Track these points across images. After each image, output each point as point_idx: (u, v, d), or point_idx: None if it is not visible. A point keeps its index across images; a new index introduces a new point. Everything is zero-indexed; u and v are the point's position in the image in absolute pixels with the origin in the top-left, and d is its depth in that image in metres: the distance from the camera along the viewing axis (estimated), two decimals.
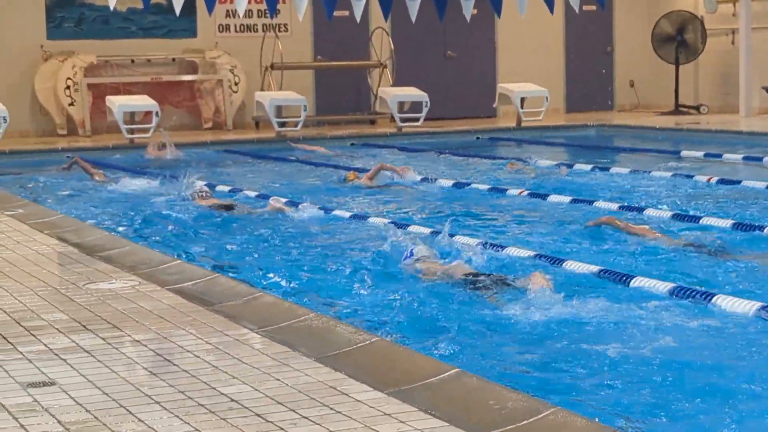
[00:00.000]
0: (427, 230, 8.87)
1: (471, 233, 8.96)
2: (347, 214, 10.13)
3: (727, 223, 9.03)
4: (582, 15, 20.29)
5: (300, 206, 10.23)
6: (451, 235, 8.18)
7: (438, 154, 16.01)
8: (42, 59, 19.33)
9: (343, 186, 12.37)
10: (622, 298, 6.57)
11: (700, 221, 9.19)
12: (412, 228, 9.05)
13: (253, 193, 11.79)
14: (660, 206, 10.22)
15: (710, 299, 6.33)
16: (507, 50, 22.03)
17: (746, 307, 6.14)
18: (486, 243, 8.22)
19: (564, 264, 7.48)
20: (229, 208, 10.63)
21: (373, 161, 14.15)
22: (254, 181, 13.32)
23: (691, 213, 9.71)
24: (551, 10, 16.24)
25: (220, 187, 12.20)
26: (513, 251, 8.00)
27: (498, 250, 8.02)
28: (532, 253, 7.90)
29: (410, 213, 10.56)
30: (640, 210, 9.89)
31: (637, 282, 6.86)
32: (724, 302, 6.25)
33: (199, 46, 20.23)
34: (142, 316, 5.85)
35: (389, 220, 9.60)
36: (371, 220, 9.77)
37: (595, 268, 7.26)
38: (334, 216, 10.07)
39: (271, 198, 10.61)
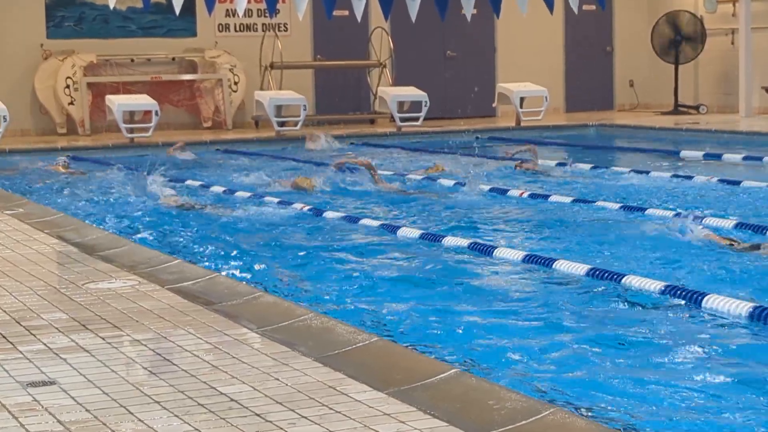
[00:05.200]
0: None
1: None
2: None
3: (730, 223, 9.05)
4: (582, 14, 20.29)
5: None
6: None
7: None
8: (42, 58, 19.34)
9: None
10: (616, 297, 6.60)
11: (704, 221, 9.18)
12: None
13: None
14: (662, 206, 10.23)
15: (701, 300, 6.33)
16: (506, 50, 22.04)
17: (740, 307, 6.14)
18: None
19: (555, 264, 7.49)
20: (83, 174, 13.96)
21: None
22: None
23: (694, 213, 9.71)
24: (551, 11, 16.24)
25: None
26: None
27: None
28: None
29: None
30: (642, 210, 9.90)
31: (630, 280, 6.86)
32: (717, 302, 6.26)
33: (199, 46, 20.23)
34: (142, 315, 5.85)
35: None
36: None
37: (585, 268, 7.26)
38: None
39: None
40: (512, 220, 10.04)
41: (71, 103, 19.08)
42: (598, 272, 7.12)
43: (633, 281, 6.80)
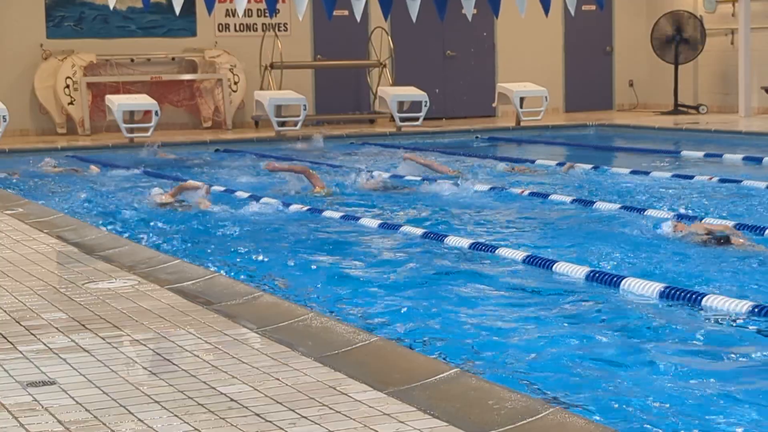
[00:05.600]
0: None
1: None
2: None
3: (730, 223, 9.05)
4: (581, 14, 20.31)
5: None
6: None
7: None
8: (42, 58, 19.34)
9: None
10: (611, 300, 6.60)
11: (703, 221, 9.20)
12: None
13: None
14: (659, 206, 10.24)
15: (701, 300, 6.32)
16: (506, 50, 22.04)
17: (740, 306, 6.14)
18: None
19: (555, 266, 7.49)
20: (76, 171, 14.35)
21: None
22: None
23: (692, 212, 9.73)
24: (546, 13, 16.28)
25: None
26: None
27: None
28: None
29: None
30: (641, 210, 9.90)
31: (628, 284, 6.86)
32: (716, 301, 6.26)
33: (199, 45, 20.23)
34: (142, 315, 5.85)
35: None
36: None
37: (585, 270, 7.26)
38: None
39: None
40: (513, 220, 10.05)
41: (71, 103, 19.08)
42: (597, 274, 7.12)
43: (633, 283, 6.80)
